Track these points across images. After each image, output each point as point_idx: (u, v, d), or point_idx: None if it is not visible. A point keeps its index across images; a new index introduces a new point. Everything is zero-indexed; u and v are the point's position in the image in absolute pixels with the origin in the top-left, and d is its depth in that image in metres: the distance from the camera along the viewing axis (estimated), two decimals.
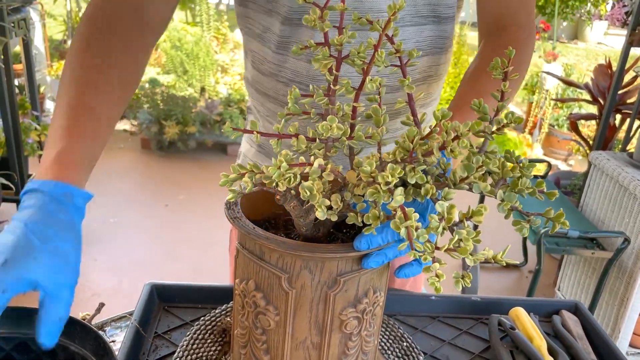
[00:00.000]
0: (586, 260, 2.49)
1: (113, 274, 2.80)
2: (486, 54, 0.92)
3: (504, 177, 0.55)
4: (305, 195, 0.54)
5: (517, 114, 0.59)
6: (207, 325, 0.84)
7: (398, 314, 0.95)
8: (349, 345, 0.64)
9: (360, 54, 0.61)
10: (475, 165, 0.55)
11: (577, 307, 1.00)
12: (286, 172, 0.53)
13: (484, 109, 0.60)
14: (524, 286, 3.00)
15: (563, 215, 0.53)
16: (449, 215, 0.52)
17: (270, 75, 0.93)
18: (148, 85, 4.37)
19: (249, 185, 0.54)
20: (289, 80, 0.91)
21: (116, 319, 0.94)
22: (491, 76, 0.60)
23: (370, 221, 0.53)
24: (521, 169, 0.54)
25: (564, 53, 6.96)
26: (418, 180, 0.54)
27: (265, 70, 0.94)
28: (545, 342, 0.87)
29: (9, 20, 2.54)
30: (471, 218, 0.53)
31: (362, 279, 0.61)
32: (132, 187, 3.84)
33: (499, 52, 0.82)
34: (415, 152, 0.56)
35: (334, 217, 0.57)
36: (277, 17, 0.87)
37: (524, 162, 0.55)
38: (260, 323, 0.62)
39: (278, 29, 0.88)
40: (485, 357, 0.88)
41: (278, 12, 0.87)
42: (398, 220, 0.50)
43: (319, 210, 0.53)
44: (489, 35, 0.95)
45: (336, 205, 0.56)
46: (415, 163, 0.56)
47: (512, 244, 3.41)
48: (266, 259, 0.60)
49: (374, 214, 0.53)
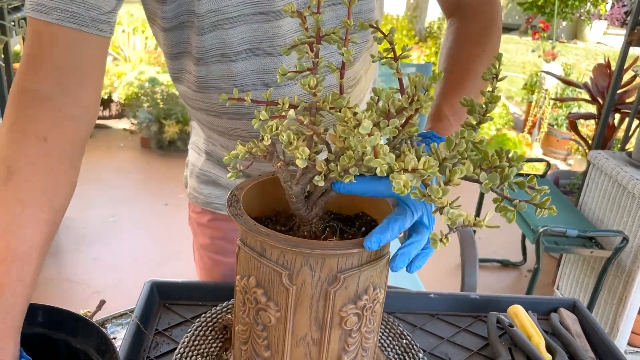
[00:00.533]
0: (585, 259, 2.49)
1: (113, 272, 2.81)
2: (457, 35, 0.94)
3: (492, 166, 0.55)
4: (284, 141, 0.56)
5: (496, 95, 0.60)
6: (208, 322, 0.84)
7: (397, 311, 0.96)
8: (349, 341, 0.64)
9: (334, 34, 0.62)
10: (455, 139, 0.55)
11: (575, 305, 1.00)
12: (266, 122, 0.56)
13: (471, 103, 0.61)
14: (523, 285, 3.01)
15: (549, 200, 0.53)
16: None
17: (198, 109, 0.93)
18: (148, 85, 4.37)
19: (242, 152, 0.55)
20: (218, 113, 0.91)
21: (117, 316, 0.95)
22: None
23: (346, 160, 0.55)
24: (509, 160, 0.55)
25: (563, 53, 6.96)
26: (390, 133, 0.56)
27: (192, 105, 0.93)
28: (543, 340, 0.88)
29: (9, 19, 2.54)
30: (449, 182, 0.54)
31: (362, 276, 0.61)
32: (132, 185, 3.85)
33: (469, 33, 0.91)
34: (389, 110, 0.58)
35: (320, 183, 0.58)
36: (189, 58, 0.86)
37: (514, 156, 0.55)
38: (261, 319, 0.62)
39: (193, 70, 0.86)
40: (484, 354, 0.88)
41: (189, 53, 0.85)
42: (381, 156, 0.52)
43: (299, 158, 0.56)
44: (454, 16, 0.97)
45: (320, 169, 0.58)
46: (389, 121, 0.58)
47: (511, 244, 3.43)
48: (267, 255, 0.60)
49: (349, 155, 0.55)
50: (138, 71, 4.61)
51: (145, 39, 5.35)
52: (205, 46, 0.81)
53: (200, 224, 1.12)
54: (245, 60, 0.83)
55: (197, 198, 1.09)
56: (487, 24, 0.93)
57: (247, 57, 0.83)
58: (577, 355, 0.86)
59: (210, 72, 0.84)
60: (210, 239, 1.11)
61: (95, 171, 3.96)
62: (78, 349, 0.68)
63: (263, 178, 0.71)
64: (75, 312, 0.69)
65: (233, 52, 0.82)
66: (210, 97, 0.88)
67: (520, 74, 6.48)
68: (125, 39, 5.23)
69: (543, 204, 0.53)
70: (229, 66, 0.83)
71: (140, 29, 5.33)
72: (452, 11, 0.97)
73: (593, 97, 3.33)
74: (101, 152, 4.32)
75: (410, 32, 6.44)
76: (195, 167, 1.09)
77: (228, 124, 0.91)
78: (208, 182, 1.07)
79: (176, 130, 4.18)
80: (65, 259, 2.91)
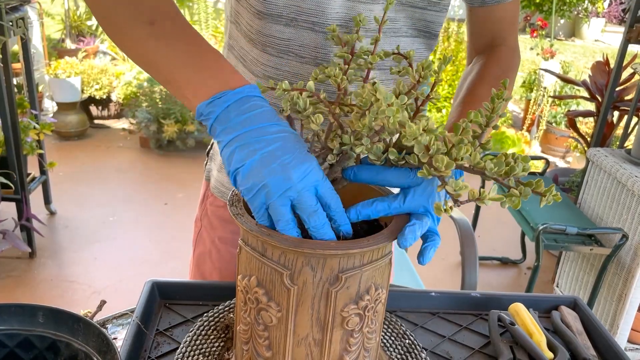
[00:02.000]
0: (584, 257, 2.50)
1: (113, 272, 2.81)
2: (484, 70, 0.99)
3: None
4: (300, 105, 0.60)
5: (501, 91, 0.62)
6: (210, 321, 0.84)
7: (398, 310, 0.96)
8: (351, 342, 0.64)
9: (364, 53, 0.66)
10: (462, 124, 0.57)
11: (576, 303, 1.00)
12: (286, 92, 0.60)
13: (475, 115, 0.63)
14: (523, 283, 3.01)
15: (553, 186, 0.53)
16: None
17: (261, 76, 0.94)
18: (146, 84, 4.37)
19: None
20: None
21: (117, 316, 0.95)
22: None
23: (361, 128, 0.58)
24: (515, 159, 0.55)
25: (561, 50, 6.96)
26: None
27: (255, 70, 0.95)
28: (544, 338, 0.88)
29: (7, 19, 2.54)
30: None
31: (363, 276, 0.61)
32: (132, 185, 3.85)
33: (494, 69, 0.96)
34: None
35: (333, 160, 0.63)
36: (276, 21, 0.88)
37: (519, 157, 0.56)
38: (262, 319, 0.62)
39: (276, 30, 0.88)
40: (485, 352, 0.88)
41: (279, 14, 0.87)
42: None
43: (312, 122, 0.59)
44: (481, 53, 1.03)
45: (333, 147, 0.62)
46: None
47: (511, 241, 3.43)
48: (268, 255, 0.60)
49: (363, 122, 0.58)
50: (137, 71, 4.61)
51: None
52: (303, 7, 0.85)
53: (222, 218, 1.11)
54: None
55: (224, 193, 1.08)
56: (508, 68, 0.99)
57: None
58: (578, 353, 0.86)
59: (296, 37, 0.88)
60: (232, 234, 1.10)
61: (95, 171, 3.96)
62: (79, 350, 0.67)
63: None
64: (76, 313, 0.69)
65: (327, 23, 0.86)
66: (287, 64, 0.90)
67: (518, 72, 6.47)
68: None
69: (547, 192, 0.53)
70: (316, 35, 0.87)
71: None
72: (483, 50, 1.03)
73: (592, 94, 3.33)
74: (100, 152, 4.32)
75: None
76: (217, 181, 1.09)
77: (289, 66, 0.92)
78: None
79: (175, 130, 4.17)
80: (65, 259, 2.91)
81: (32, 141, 2.87)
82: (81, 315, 0.69)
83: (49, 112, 4.48)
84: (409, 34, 0.93)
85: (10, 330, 0.66)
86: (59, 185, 3.55)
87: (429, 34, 0.95)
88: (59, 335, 0.68)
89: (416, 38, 0.94)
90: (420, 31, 0.94)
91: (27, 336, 0.66)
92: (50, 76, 4.37)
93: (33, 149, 2.89)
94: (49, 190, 3.27)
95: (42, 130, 2.92)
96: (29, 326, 0.67)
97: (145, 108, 4.24)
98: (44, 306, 0.70)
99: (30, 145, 2.86)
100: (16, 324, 0.67)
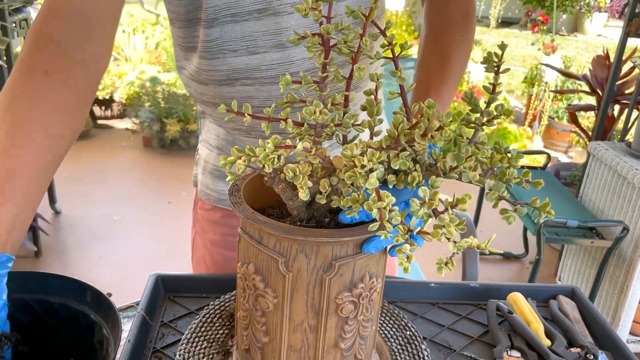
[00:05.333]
0: (586, 250, 2.50)
1: (118, 270, 2.83)
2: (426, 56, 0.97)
3: (492, 167, 0.57)
4: (289, 175, 0.56)
5: (507, 107, 0.61)
6: (216, 310, 0.86)
7: (399, 300, 0.97)
8: (346, 329, 0.65)
9: (347, 42, 0.62)
10: (465, 155, 0.56)
11: (574, 292, 1.01)
12: (272, 153, 0.55)
13: (475, 101, 0.62)
14: (525, 277, 3.01)
15: (549, 204, 0.54)
16: (430, 201, 0.53)
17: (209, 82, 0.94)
18: (149, 84, 4.39)
19: (241, 167, 0.56)
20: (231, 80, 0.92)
21: (123, 308, 0.96)
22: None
23: (350, 204, 0.55)
24: (509, 160, 0.56)
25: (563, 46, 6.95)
26: (401, 166, 0.56)
27: (204, 79, 0.94)
28: (542, 326, 0.89)
29: (10, 21, 2.56)
30: (456, 206, 0.55)
31: (357, 264, 0.62)
32: (135, 184, 3.87)
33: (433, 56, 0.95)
34: (399, 139, 0.57)
35: (322, 200, 0.59)
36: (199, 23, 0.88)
37: (512, 153, 0.57)
38: (259, 305, 0.64)
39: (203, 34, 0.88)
40: (484, 341, 0.89)
41: (199, 18, 0.88)
42: (371, 202, 0.52)
43: (301, 191, 0.56)
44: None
45: (324, 190, 0.59)
46: (399, 149, 0.58)
47: (513, 236, 3.43)
48: (264, 243, 0.61)
49: (354, 197, 0.55)
50: (139, 71, 4.63)
51: (145, 38, 5.37)
52: (219, 4, 0.84)
53: (211, 221, 1.13)
54: (257, 21, 0.85)
55: (209, 195, 1.10)
56: (466, 11, 0.96)
57: (258, 17, 0.85)
58: (575, 341, 0.87)
59: (222, 34, 0.87)
60: (222, 236, 1.11)
61: (99, 171, 3.98)
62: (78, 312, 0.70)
63: None
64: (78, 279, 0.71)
65: (245, 12, 0.85)
66: (223, 63, 0.89)
67: (520, 67, 6.47)
68: (125, 39, 5.25)
69: (543, 207, 0.54)
70: (241, 26, 0.86)
71: (140, 29, 5.35)
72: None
73: (592, 88, 3.33)
74: (104, 151, 4.34)
75: (410, 27, 6.44)
76: (207, 163, 1.10)
77: (241, 92, 0.92)
78: (221, 177, 1.08)
79: (178, 129, 4.19)
80: (71, 258, 2.93)
81: None
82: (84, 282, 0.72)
83: None
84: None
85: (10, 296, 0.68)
86: (63, 185, 3.57)
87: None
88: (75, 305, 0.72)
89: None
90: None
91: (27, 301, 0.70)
92: None
93: None
94: (53, 190, 3.29)
95: None
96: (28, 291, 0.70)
97: (147, 108, 4.26)
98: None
99: None
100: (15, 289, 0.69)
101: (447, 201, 0.55)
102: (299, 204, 0.63)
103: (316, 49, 0.62)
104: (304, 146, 0.56)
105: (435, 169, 0.60)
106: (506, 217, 0.56)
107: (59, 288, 0.71)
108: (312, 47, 0.61)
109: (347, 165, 0.56)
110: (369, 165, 0.53)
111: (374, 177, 0.52)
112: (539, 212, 0.56)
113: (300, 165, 0.58)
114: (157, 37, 5.39)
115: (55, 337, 0.71)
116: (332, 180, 0.60)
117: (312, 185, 0.58)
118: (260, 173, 0.71)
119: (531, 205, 0.55)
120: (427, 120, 0.56)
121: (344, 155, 0.56)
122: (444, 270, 0.56)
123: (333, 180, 0.60)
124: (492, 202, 0.56)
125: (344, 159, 0.56)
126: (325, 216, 0.66)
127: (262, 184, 0.69)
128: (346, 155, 0.55)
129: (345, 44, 0.62)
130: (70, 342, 0.71)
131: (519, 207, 0.55)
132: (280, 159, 0.55)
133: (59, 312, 0.71)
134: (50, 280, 0.71)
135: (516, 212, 0.56)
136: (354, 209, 0.55)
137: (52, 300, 0.71)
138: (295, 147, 0.56)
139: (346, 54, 0.63)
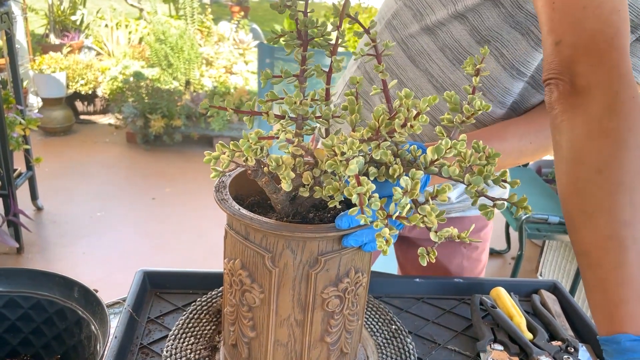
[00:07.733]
0: (567, 246, 2.53)
1: (102, 267, 2.81)
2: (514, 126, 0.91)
3: (470, 165, 0.57)
4: (272, 166, 0.57)
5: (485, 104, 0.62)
6: (203, 306, 0.86)
7: (384, 295, 0.98)
8: (332, 323, 0.66)
9: (325, 36, 0.62)
10: (445, 147, 0.57)
11: (556, 287, 1.03)
12: (255, 144, 0.55)
13: (455, 100, 0.63)
14: (507, 272, 3.05)
15: (526, 200, 0.55)
16: (412, 190, 0.54)
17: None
18: (132, 79, 4.35)
19: (225, 161, 0.56)
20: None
21: (110, 304, 0.96)
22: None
23: (331, 192, 0.56)
24: (487, 157, 0.57)
25: None
26: (382, 156, 0.57)
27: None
28: (524, 320, 0.90)
29: None
30: (436, 197, 0.56)
31: (342, 259, 0.63)
32: (119, 180, 3.84)
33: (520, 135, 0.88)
34: (380, 130, 0.58)
35: (305, 193, 0.60)
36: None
37: (491, 152, 0.57)
38: (246, 300, 0.64)
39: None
40: (468, 334, 0.90)
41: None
42: (351, 187, 0.52)
43: (284, 182, 0.56)
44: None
45: (307, 182, 0.59)
46: (380, 140, 0.58)
47: (496, 231, 3.45)
48: (251, 238, 0.62)
49: (335, 185, 0.56)
50: (122, 66, 4.59)
51: (128, 33, 5.32)
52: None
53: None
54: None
55: None
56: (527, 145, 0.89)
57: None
58: (557, 334, 0.88)
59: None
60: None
61: (82, 167, 3.95)
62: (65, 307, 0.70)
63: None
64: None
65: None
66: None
67: None
68: (108, 33, 5.20)
69: (521, 203, 0.55)
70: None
71: (123, 24, 5.30)
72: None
73: None
74: (87, 147, 4.30)
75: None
76: None
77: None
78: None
79: (162, 125, 4.17)
80: (54, 254, 2.90)
81: (18, 137, 2.86)
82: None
83: (34, 108, 4.46)
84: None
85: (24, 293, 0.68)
86: (45, 181, 3.54)
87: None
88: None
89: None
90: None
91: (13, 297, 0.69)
92: (34, 72, 4.34)
93: (19, 145, 2.88)
94: (35, 186, 3.26)
95: (28, 125, 2.91)
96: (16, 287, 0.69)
97: (131, 103, 4.22)
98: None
99: (16, 140, 2.84)
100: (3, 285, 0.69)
101: (426, 192, 0.56)
102: (282, 197, 0.63)
103: (294, 44, 0.62)
104: (286, 137, 0.56)
105: (416, 165, 0.60)
106: (485, 213, 0.57)
107: (46, 284, 0.71)
108: (291, 41, 0.62)
109: (328, 157, 0.56)
110: (349, 153, 0.54)
111: (353, 163, 0.53)
112: (516, 207, 0.56)
113: (283, 157, 0.58)
114: (140, 31, 5.35)
115: (43, 333, 0.71)
116: (314, 172, 0.60)
117: (295, 177, 0.59)
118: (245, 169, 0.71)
119: (509, 202, 0.56)
120: (406, 111, 0.57)
121: (325, 145, 0.57)
122: (426, 259, 0.57)
123: (315, 172, 0.60)
124: (472, 198, 0.57)
125: (325, 149, 0.56)
126: (310, 212, 0.67)
127: (249, 181, 0.69)
128: (327, 145, 0.56)
129: (323, 37, 0.63)
130: (57, 338, 0.71)
131: (498, 203, 0.56)
132: (263, 149, 0.56)
133: (46, 308, 0.71)
134: (37, 277, 0.71)
135: (495, 207, 0.57)
136: (335, 197, 0.56)
137: (38, 296, 0.71)
138: (278, 137, 0.56)
139: (325, 47, 0.63)
